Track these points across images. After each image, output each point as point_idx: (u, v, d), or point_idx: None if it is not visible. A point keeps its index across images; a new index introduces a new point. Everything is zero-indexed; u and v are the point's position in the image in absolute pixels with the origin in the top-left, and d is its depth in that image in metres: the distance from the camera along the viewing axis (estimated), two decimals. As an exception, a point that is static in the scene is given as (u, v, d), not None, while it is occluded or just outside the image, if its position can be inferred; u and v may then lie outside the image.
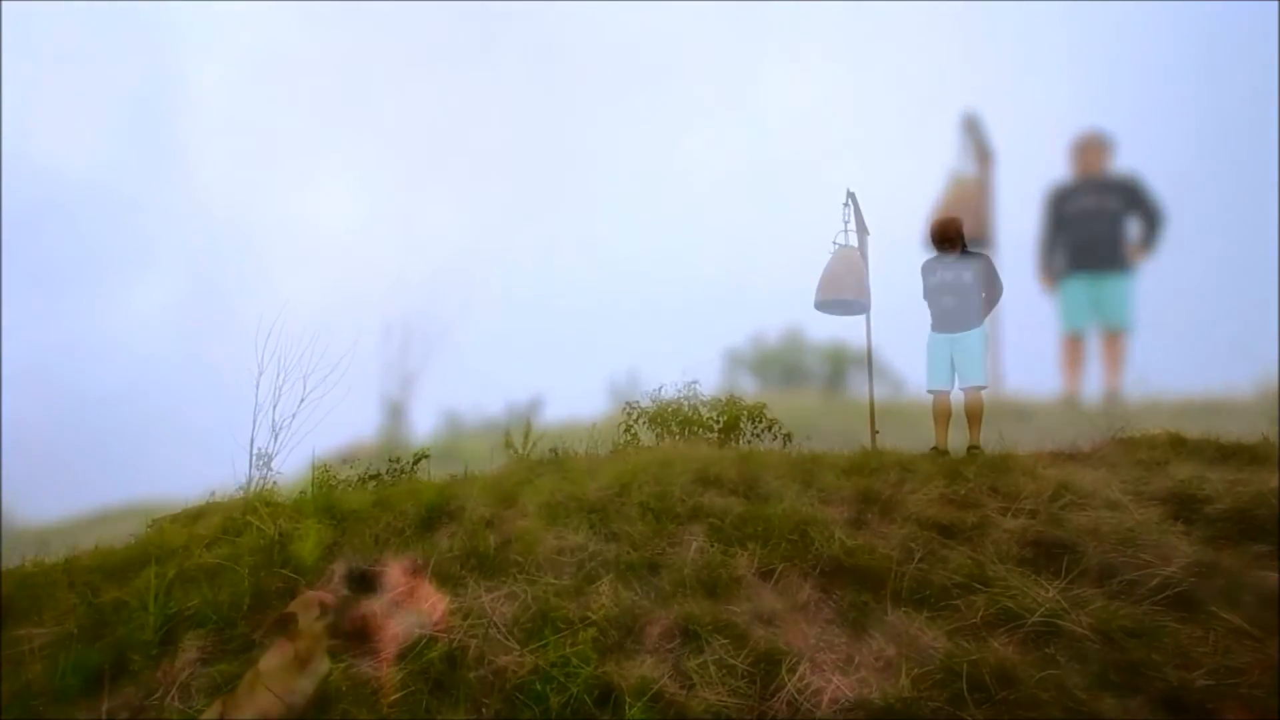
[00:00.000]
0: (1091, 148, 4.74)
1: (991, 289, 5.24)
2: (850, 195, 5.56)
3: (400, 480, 4.68)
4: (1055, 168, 4.92)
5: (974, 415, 5.09)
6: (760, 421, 5.82)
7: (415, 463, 5.21)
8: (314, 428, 3.57)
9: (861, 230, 5.73)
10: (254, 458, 3.48)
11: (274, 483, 3.60)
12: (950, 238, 5.40)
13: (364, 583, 1.79)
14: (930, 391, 5.39)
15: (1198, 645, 1.85)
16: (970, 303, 5.26)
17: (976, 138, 5.15)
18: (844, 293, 5.36)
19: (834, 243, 5.51)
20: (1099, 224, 4.67)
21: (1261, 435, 2.78)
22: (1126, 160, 4.81)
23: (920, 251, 4.99)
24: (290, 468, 3.81)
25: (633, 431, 5.94)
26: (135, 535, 3.83)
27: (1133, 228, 4.65)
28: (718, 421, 5.78)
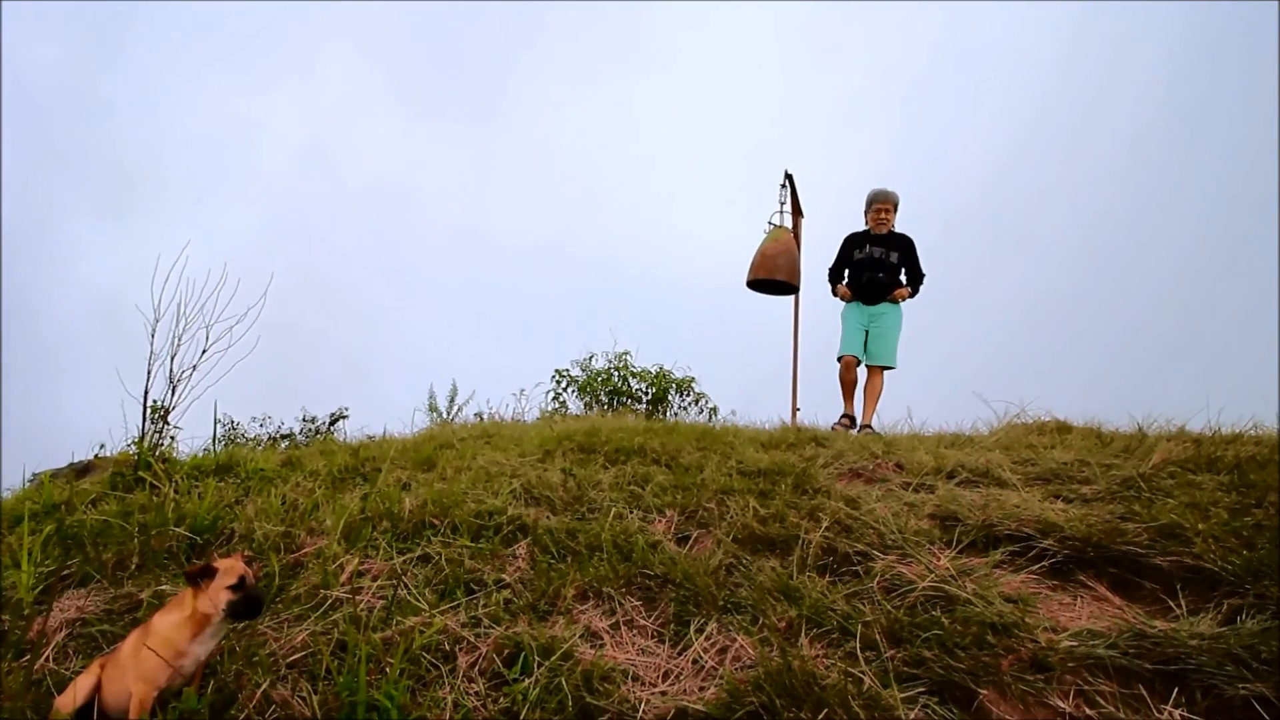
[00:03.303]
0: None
1: (916, 271, 5.42)
2: (787, 176, 5.63)
3: (314, 441, 4.49)
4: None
5: (873, 395, 5.31)
6: (688, 394, 5.92)
7: (332, 423, 5.01)
8: (217, 381, 3.35)
9: (796, 212, 5.83)
10: (148, 410, 3.24)
11: (171, 437, 3.38)
12: (887, 213, 5.48)
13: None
14: (840, 358, 5.50)
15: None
16: (894, 282, 5.43)
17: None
18: (776, 273, 5.46)
19: (769, 223, 5.58)
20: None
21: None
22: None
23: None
24: (189, 423, 3.58)
25: (561, 400, 5.92)
26: (11, 490, 3.53)
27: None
28: (646, 393, 5.84)
